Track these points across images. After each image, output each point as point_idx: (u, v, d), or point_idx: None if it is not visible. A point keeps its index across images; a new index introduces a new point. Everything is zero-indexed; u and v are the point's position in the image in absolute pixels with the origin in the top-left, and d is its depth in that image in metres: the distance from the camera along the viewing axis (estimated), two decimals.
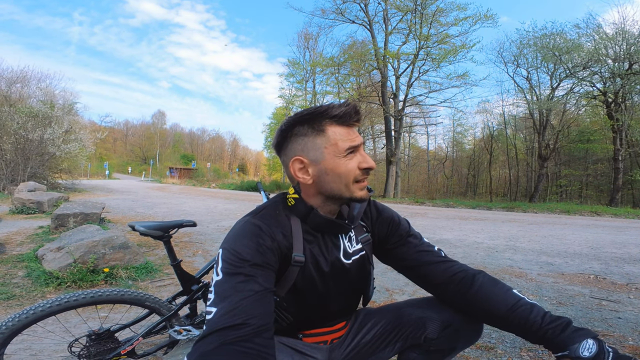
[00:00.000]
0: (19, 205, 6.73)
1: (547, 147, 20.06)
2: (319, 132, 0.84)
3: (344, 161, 0.85)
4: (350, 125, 0.86)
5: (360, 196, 0.88)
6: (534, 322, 0.81)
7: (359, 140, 0.87)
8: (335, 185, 0.86)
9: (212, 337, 0.65)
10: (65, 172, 14.74)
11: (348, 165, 0.85)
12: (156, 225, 1.47)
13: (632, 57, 15.54)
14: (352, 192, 0.87)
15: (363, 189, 0.88)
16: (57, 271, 2.78)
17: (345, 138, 0.85)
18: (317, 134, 0.84)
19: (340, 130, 0.85)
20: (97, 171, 35.26)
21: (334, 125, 0.84)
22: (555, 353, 0.79)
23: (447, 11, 17.53)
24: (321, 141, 0.84)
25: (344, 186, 0.86)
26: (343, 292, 0.96)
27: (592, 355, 0.74)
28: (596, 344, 0.75)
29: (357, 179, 0.86)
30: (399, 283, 3.07)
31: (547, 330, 0.79)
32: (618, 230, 7.29)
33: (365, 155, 0.88)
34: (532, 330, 0.81)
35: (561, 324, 0.79)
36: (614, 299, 2.78)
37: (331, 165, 0.84)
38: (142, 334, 1.41)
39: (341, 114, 0.83)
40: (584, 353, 0.74)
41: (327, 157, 0.84)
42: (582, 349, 0.75)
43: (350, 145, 0.85)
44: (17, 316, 1.15)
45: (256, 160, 67.65)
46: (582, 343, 0.76)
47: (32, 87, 14.77)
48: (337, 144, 0.84)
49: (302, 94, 27.60)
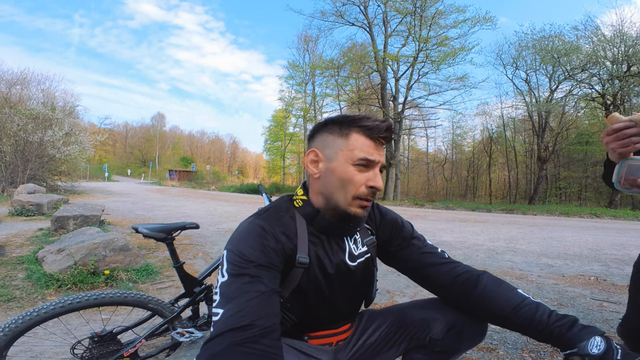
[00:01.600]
0: (18, 207, 6.71)
1: (546, 149, 20.10)
2: (343, 135, 0.86)
3: (352, 170, 0.84)
4: (376, 141, 0.86)
5: (355, 212, 0.87)
6: (540, 321, 0.82)
7: (378, 157, 0.86)
8: (335, 190, 0.85)
9: (220, 338, 0.66)
10: (64, 174, 14.71)
11: (355, 176, 0.84)
12: (159, 228, 1.48)
13: (630, 59, 15.59)
14: (348, 205, 0.85)
15: (362, 207, 0.87)
16: (58, 273, 2.77)
17: (364, 149, 0.84)
18: (341, 135, 0.86)
19: (363, 140, 0.85)
20: (97, 173, 35.22)
21: (360, 134, 0.85)
22: (564, 351, 0.79)
23: (446, 13, 17.62)
24: (341, 143, 0.85)
25: (343, 195, 0.85)
26: (347, 294, 0.96)
27: (600, 353, 0.74)
28: (604, 342, 0.76)
29: (359, 195, 0.85)
30: (399, 285, 3.07)
31: (555, 329, 0.80)
32: (618, 232, 7.30)
33: (377, 174, 0.87)
34: (539, 329, 0.82)
35: (568, 322, 0.80)
36: (614, 300, 2.79)
37: (339, 168, 0.85)
38: (145, 336, 1.41)
39: (370, 126, 0.84)
40: (593, 350, 0.75)
41: (339, 159, 0.85)
42: (590, 346, 0.75)
43: (365, 156, 0.84)
44: (21, 318, 1.15)
45: (256, 162, 67.64)
46: (591, 340, 0.76)
47: (32, 89, 14.76)
48: (353, 151, 0.84)
49: (301, 96, 27.69)
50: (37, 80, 15.21)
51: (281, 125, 30.90)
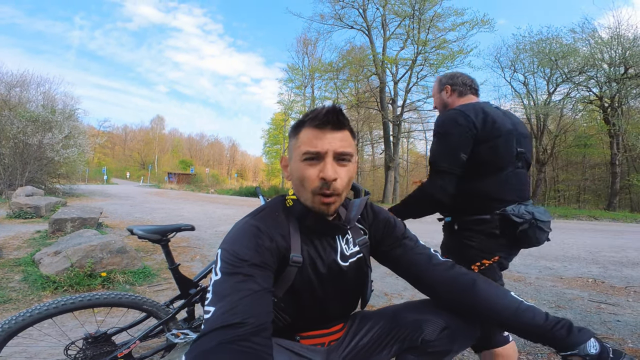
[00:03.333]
0: (16, 209, 6.70)
1: (544, 152, 20.14)
2: (296, 134, 0.86)
3: (303, 166, 0.83)
4: (323, 128, 0.81)
5: (319, 209, 0.85)
6: (539, 325, 0.84)
7: (324, 147, 0.81)
8: (298, 189, 0.87)
9: (211, 335, 0.65)
10: (63, 177, 14.68)
11: (306, 172, 0.82)
12: (154, 229, 1.47)
13: (628, 61, 15.64)
14: (312, 202, 0.85)
15: (325, 203, 0.83)
16: (54, 275, 2.76)
17: (309, 142, 0.81)
18: (295, 135, 0.87)
19: (310, 133, 0.82)
20: (95, 176, 35.15)
21: (307, 128, 0.84)
22: (564, 352, 0.82)
23: (444, 16, 17.66)
24: (294, 142, 0.87)
25: (304, 193, 0.85)
26: (340, 294, 0.96)
27: (598, 352, 0.79)
28: (598, 342, 0.80)
29: (314, 190, 0.82)
30: (397, 287, 3.06)
31: (555, 332, 0.82)
32: (616, 234, 7.31)
33: (327, 164, 0.81)
34: (539, 332, 0.84)
35: (565, 325, 0.83)
36: (612, 302, 2.78)
37: (294, 167, 0.87)
38: (140, 337, 1.40)
39: (311, 116, 0.82)
40: (592, 351, 0.79)
41: (294, 158, 0.87)
42: (589, 347, 0.80)
43: (307, 149, 0.81)
44: (14, 318, 1.15)
45: (255, 165, 67.65)
46: (588, 342, 0.80)
47: (32, 91, 14.76)
48: (300, 147, 0.83)
49: (301, 99, 27.72)
50: (36, 82, 15.19)
51: (280, 128, 30.91)
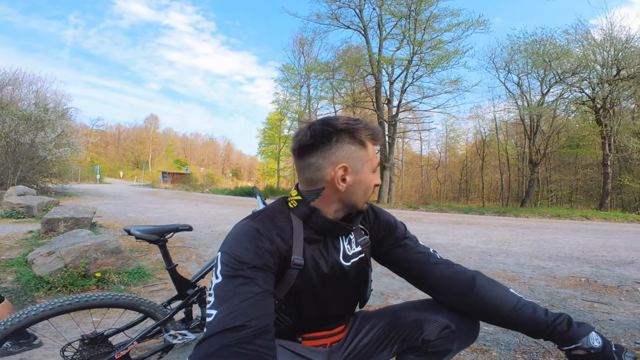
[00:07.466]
0: (8, 209, 6.62)
1: (537, 153, 20.32)
2: (362, 146, 0.89)
3: (372, 176, 0.92)
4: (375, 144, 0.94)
5: (365, 208, 0.97)
6: (540, 321, 0.86)
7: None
8: (359, 196, 0.91)
9: (213, 339, 0.65)
10: (55, 176, 14.53)
11: (373, 181, 0.93)
12: (152, 229, 1.46)
13: (620, 63, 15.81)
14: (363, 204, 0.94)
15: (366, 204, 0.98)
16: (48, 276, 2.73)
17: (375, 156, 0.93)
18: (360, 146, 0.88)
19: (373, 147, 0.93)
20: (88, 175, 34.83)
21: (370, 141, 0.90)
22: (567, 346, 0.84)
23: (440, 17, 17.72)
24: (363, 154, 0.89)
25: (362, 198, 0.92)
26: (342, 295, 0.96)
27: (601, 346, 0.82)
28: (600, 336, 0.83)
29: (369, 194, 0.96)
30: (393, 287, 3.07)
31: (556, 327, 0.84)
32: (608, 234, 7.40)
33: (378, 173, 0.99)
34: (540, 328, 0.86)
35: (565, 320, 0.84)
36: (605, 301, 2.82)
37: (365, 178, 0.90)
38: (137, 338, 1.39)
39: (377, 133, 0.91)
40: (594, 344, 0.82)
41: (365, 170, 0.90)
42: (592, 341, 0.82)
43: (378, 162, 0.96)
44: (10, 320, 1.13)
45: (250, 165, 67.43)
46: (590, 335, 0.82)
47: (24, 89, 14.60)
48: (372, 160, 0.92)
49: (296, 99, 27.66)
50: (28, 81, 15.05)
51: (276, 128, 30.82)
